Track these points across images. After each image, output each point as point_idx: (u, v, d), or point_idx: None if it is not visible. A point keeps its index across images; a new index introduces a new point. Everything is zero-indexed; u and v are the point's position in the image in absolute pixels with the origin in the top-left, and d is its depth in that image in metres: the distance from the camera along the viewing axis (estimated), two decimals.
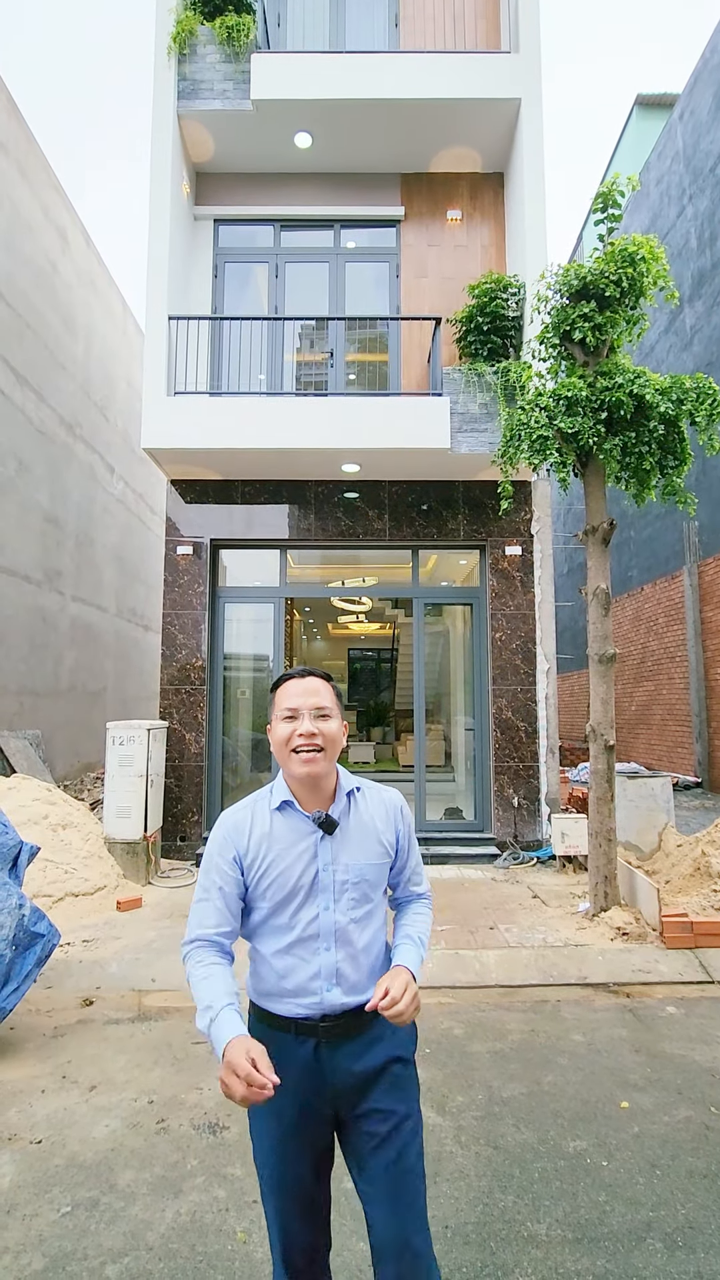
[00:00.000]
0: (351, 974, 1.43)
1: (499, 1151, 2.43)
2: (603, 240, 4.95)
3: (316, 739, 1.43)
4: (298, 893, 1.42)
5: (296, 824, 1.46)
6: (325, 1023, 1.40)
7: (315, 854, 1.44)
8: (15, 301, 9.16)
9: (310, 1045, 1.40)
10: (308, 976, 1.41)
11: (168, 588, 7.04)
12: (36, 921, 3.33)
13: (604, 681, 4.88)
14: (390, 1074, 1.43)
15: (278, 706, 1.48)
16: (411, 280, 7.35)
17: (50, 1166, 2.37)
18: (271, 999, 1.44)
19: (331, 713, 1.48)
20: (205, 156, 7.19)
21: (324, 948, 1.42)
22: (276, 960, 1.42)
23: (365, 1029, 1.43)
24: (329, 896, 1.43)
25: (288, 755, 1.44)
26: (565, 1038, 3.30)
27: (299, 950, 1.42)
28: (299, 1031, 1.41)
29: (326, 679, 1.53)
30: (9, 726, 8.95)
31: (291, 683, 1.49)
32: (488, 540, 7.09)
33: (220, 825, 1.49)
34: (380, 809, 1.54)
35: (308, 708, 1.45)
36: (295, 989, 1.41)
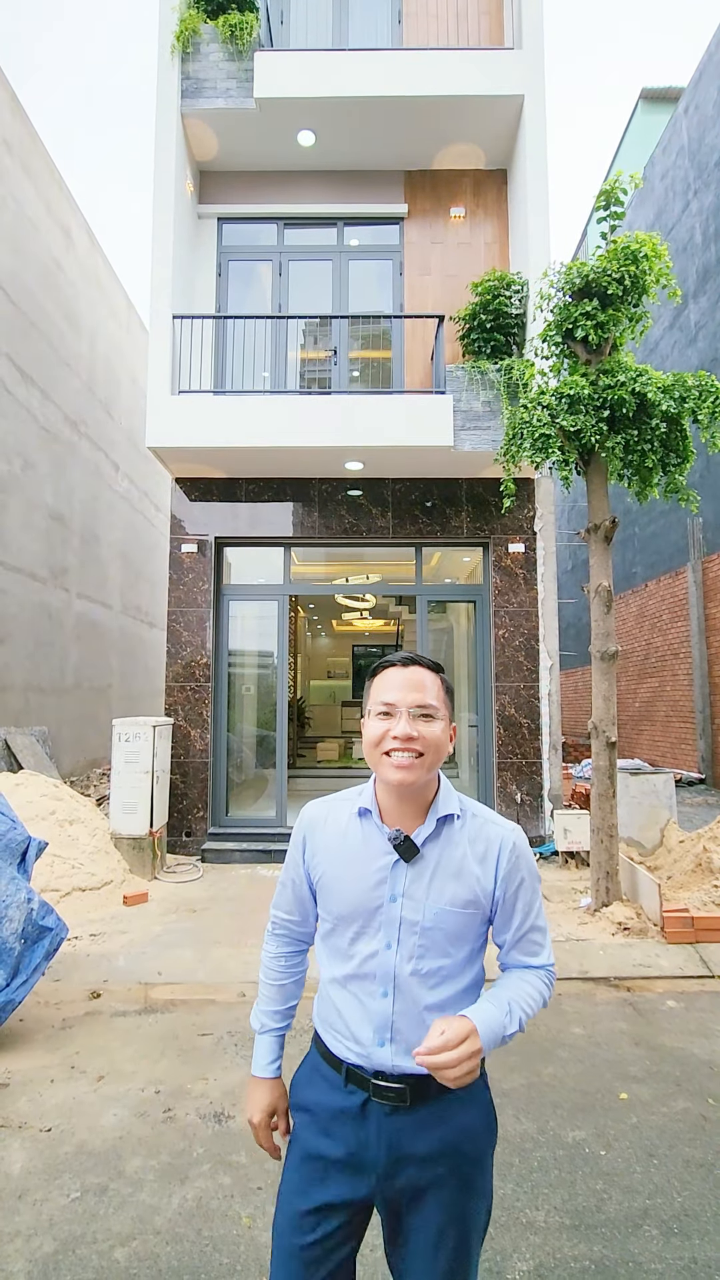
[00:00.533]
0: (411, 1034, 1.16)
1: (499, 1141, 2.47)
2: (605, 238, 4.96)
3: (415, 743, 1.16)
4: (356, 917, 1.20)
5: (373, 837, 1.22)
6: (379, 1080, 1.17)
7: (385, 879, 1.19)
8: (20, 299, 9.21)
9: (359, 1100, 1.18)
10: (359, 1020, 1.19)
11: (173, 585, 7.09)
12: (45, 915, 3.38)
13: (606, 678, 4.90)
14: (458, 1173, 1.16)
15: (373, 699, 1.22)
16: (415, 278, 7.36)
17: (60, 1153, 2.43)
18: (327, 1030, 1.25)
19: (438, 713, 1.20)
20: (209, 155, 7.21)
21: (380, 993, 1.18)
22: (333, 990, 1.24)
23: (427, 1102, 1.16)
24: (393, 934, 1.18)
25: (379, 758, 1.18)
26: (566, 1030, 3.34)
27: (354, 986, 1.21)
28: (349, 1079, 1.20)
29: (436, 670, 1.24)
30: (15, 723, 9.02)
31: (392, 672, 1.22)
32: (491, 537, 7.11)
33: (300, 816, 1.33)
34: (481, 845, 1.22)
35: (408, 704, 1.17)
36: (347, 1030, 1.21)
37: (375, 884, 1.19)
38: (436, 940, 1.17)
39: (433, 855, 1.20)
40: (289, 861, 1.33)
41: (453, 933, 1.18)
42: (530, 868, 1.24)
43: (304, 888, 1.30)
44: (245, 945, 4.44)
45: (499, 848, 1.21)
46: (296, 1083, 1.28)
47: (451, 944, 1.18)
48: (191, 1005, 3.66)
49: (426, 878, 1.19)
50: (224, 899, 5.47)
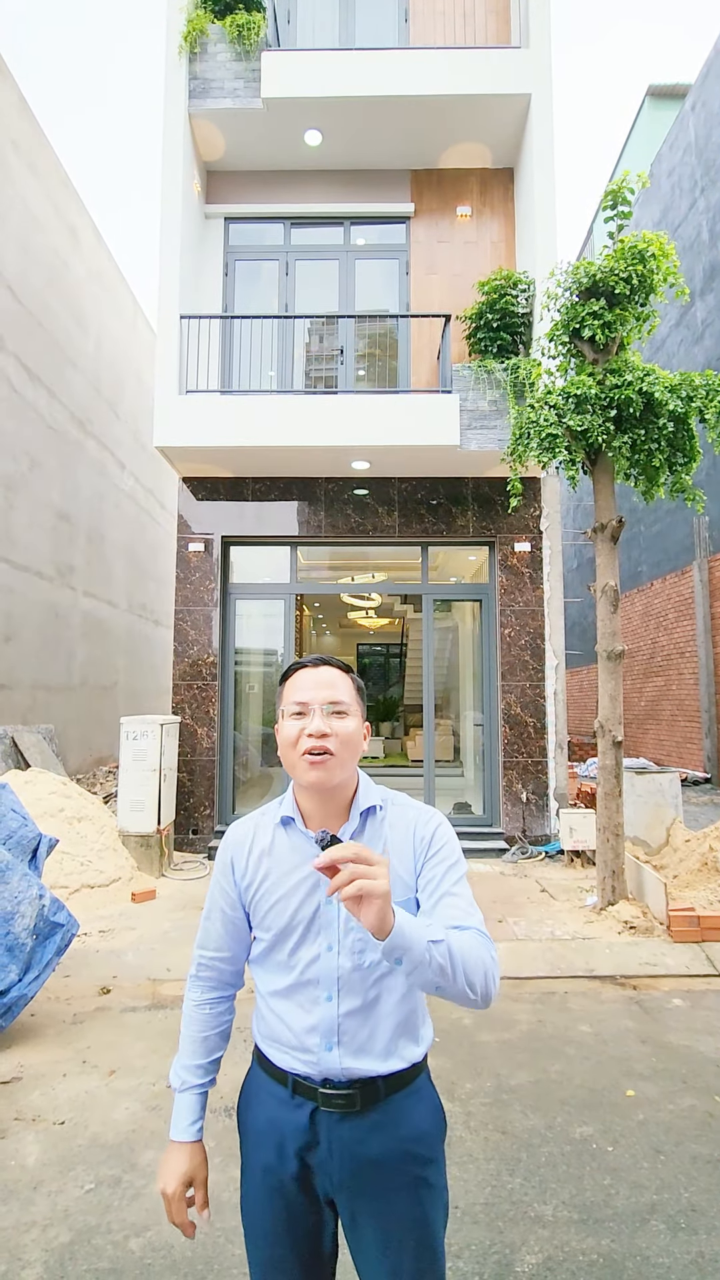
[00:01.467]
0: (359, 1034, 1.16)
1: (507, 1136, 2.50)
2: (612, 237, 4.96)
3: (329, 739, 1.16)
4: (296, 927, 1.19)
5: (299, 844, 1.22)
6: (326, 1088, 1.16)
7: (318, 883, 1.18)
8: (27, 299, 9.24)
9: (307, 1111, 1.17)
10: (304, 1028, 1.17)
11: (179, 584, 7.12)
12: (56, 911, 3.42)
13: (612, 678, 4.92)
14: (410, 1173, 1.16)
15: (285, 700, 1.22)
16: (421, 277, 7.37)
17: (73, 1146, 2.46)
18: (270, 1044, 1.23)
19: (350, 710, 1.20)
20: (216, 155, 7.22)
21: (324, 996, 1.17)
22: (275, 1002, 1.21)
23: (374, 1106, 1.16)
24: (332, 935, 1.17)
25: (295, 760, 1.18)
26: (573, 1028, 3.37)
27: (298, 995, 1.19)
28: (296, 1090, 1.19)
29: (346, 670, 1.26)
30: (22, 721, 9.08)
31: (303, 673, 1.23)
32: (497, 536, 7.13)
33: (225, 838, 1.30)
34: (401, 828, 1.22)
35: (320, 702, 1.18)
36: (292, 1040, 1.19)
37: (310, 889, 1.18)
38: None
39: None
40: (215, 891, 1.28)
41: None
42: (450, 844, 1.22)
43: (237, 913, 1.26)
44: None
45: (415, 826, 1.22)
46: (242, 1104, 1.27)
47: None
48: None
49: None
50: None
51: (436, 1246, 1.17)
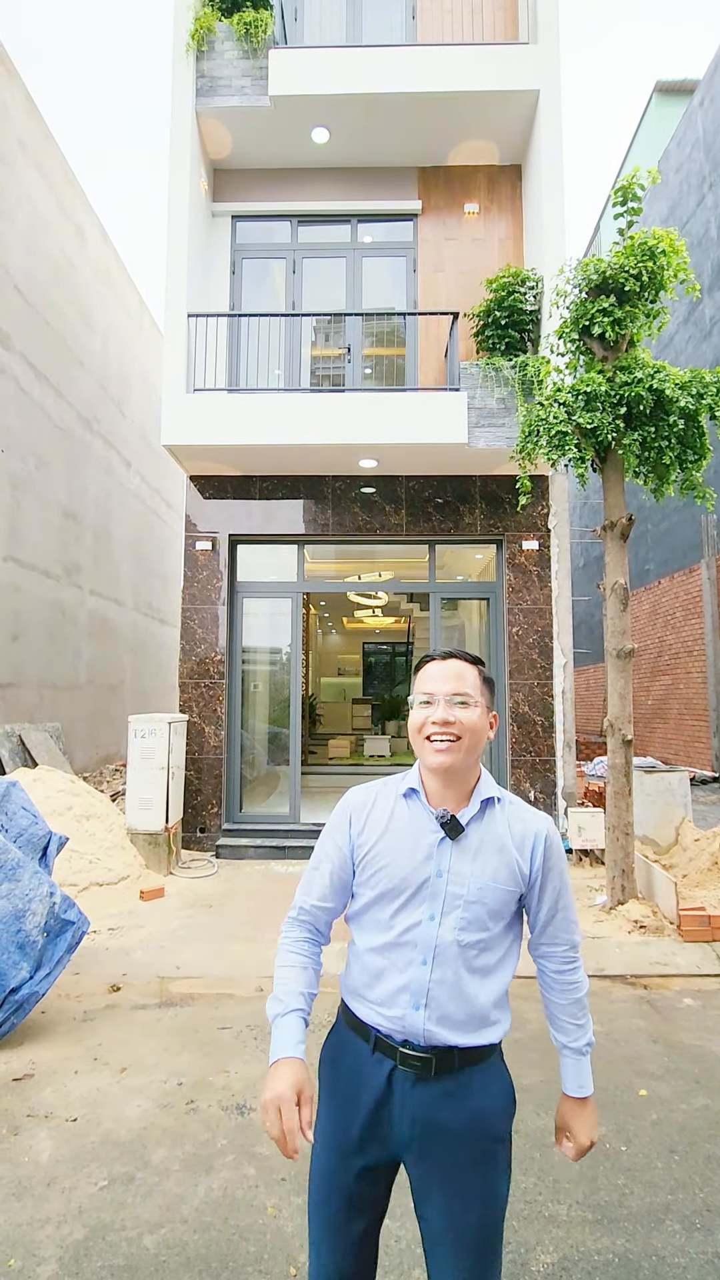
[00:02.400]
0: (447, 1004, 1.24)
1: (520, 1136, 2.49)
2: (622, 234, 4.94)
3: (452, 727, 1.27)
4: (403, 890, 1.27)
5: (419, 817, 1.32)
6: (406, 1049, 1.24)
7: (431, 855, 1.28)
8: (34, 298, 9.26)
9: (386, 1069, 1.25)
10: (396, 987, 1.26)
11: (187, 583, 7.13)
12: (67, 909, 3.42)
13: (622, 676, 4.90)
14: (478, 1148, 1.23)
15: (415, 690, 1.35)
16: (428, 275, 7.35)
17: (86, 1143, 2.47)
18: (358, 999, 1.31)
19: (474, 700, 1.30)
20: (223, 153, 7.22)
21: (420, 960, 1.25)
22: (370, 958, 1.29)
23: (452, 1074, 1.24)
24: (436, 906, 1.26)
25: (421, 743, 1.30)
26: None
27: (393, 954, 1.27)
28: (377, 1047, 1.26)
29: (475, 662, 1.36)
30: (29, 719, 9.10)
31: (432, 665, 1.35)
32: (504, 535, 7.11)
33: (342, 801, 1.40)
34: (520, 828, 1.33)
35: (445, 693, 1.29)
36: (381, 997, 1.27)
37: (423, 859, 1.27)
38: (478, 914, 1.25)
39: (476, 835, 1.30)
40: (329, 843, 1.37)
41: (493, 907, 1.27)
42: (561, 857, 1.35)
43: (346, 867, 1.34)
44: (262, 940, 4.47)
45: (534, 834, 1.32)
46: (325, 1059, 1.34)
47: (491, 918, 1.27)
48: (209, 999, 3.70)
49: (470, 855, 1.28)
50: (239, 894, 5.51)
51: (499, 1220, 1.24)
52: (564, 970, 1.42)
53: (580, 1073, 1.38)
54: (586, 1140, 1.36)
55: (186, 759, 6.82)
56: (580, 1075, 1.38)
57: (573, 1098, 1.39)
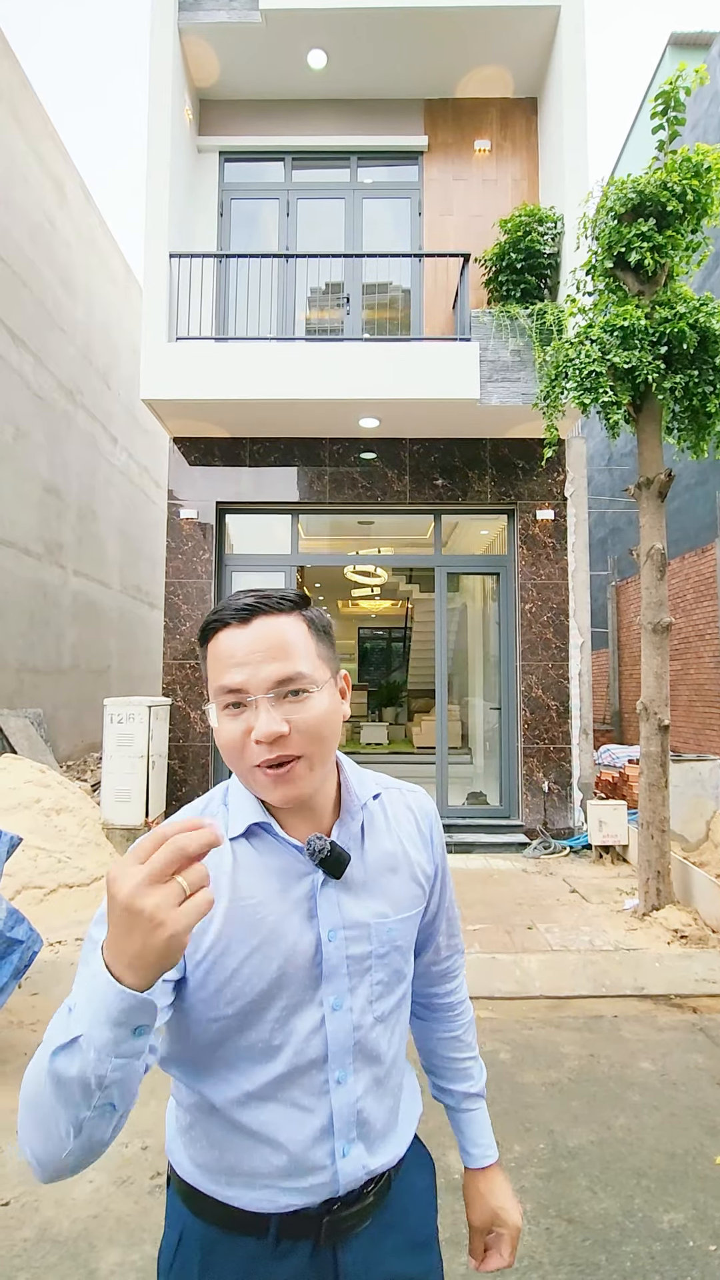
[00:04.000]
0: (377, 1118, 0.84)
1: (575, 1227, 1.95)
2: (662, 148, 4.33)
3: (289, 743, 0.77)
4: (284, 985, 0.79)
5: (276, 861, 0.82)
6: (333, 1213, 0.81)
7: (313, 911, 0.82)
8: (10, 257, 8.56)
9: (303, 1254, 0.80)
10: (310, 1137, 0.79)
11: (170, 555, 6.53)
12: (14, 926, 2.86)
13: (658, 653, 4.34)
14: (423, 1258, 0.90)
15: (212, 681, 0.80)
16: (435, 218, 6.71)
17: (16, 1240, 1.91)
18: (227, 1182, 0.80)
19: (312, 682, 0.78)
20: (210, 79, 6.54)
21: (336, 1079, 0.81)
22: (247, 1114, 0.79)
23: (384, 1200, 0.86)
24: (340, 984, 0.82)
25: (246, 771, 0.79)
26: (631, 1065, 2.82)
27: (293, 1091, 0.80)
28: (283, 1234, 0.80)
29: (297, 605, 0.82)
30: (9, 705, 8.52)
31: (228, 635, 0.79)
32: (517, 504, 6.52)
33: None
34: (409, 823, 0.93)
35: (264, 685, 0.76)
36: (286, 1165, 0.79)
37: (303, 920, 0.81)
38: (395, 966, 0.87)
39: (362, 858, 0.87)
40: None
41: (405, 947, 0.89)
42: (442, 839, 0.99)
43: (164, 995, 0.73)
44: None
45: (425, 816, 0.95)
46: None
47: (405, 961, 0.89)
48: None
49: (365, 890, 0.86)
50: None
51: None
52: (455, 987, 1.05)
53: (487, 1127, 1.02)
54: (519, 1220, 0.97)
55: (170, 746, 6.25)
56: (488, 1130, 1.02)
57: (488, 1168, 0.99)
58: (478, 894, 4.89)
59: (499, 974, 3.64)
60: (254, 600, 0.79)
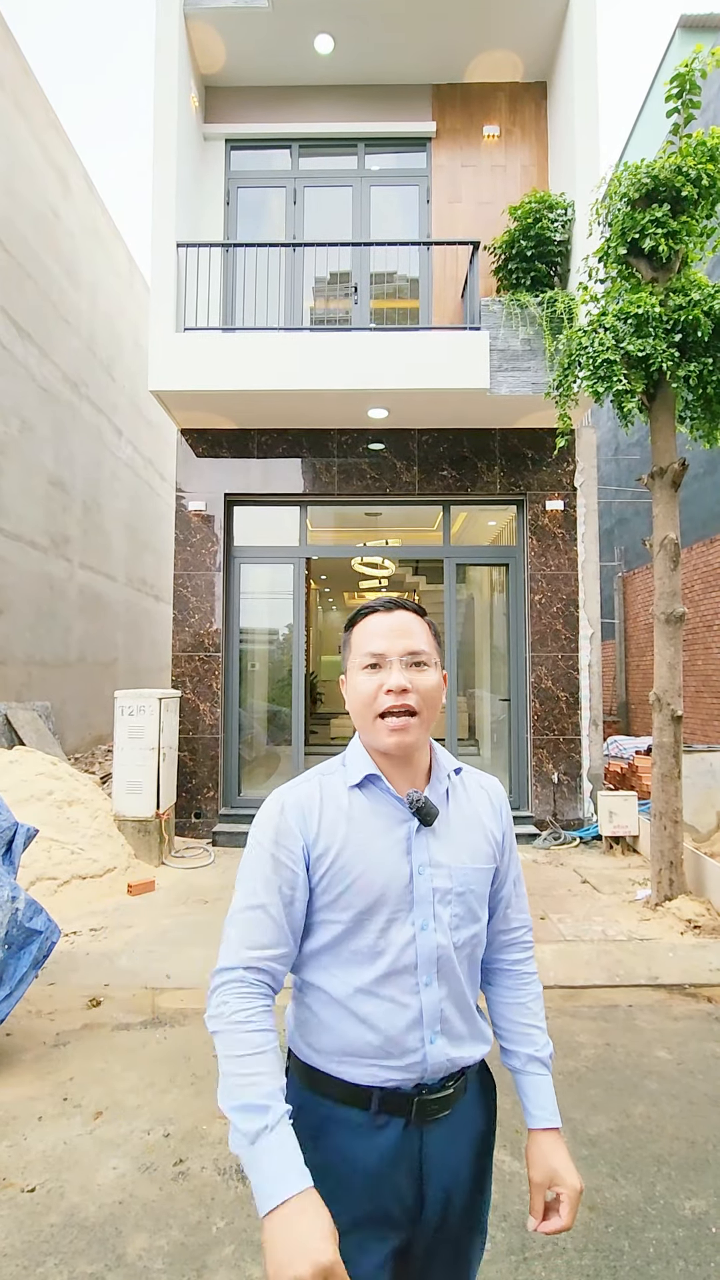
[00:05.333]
0: (456, 1020, 1.03)
1: (598, 1214, 1.96)
2: (676, 132, 4.27)
3: (409, 696, 1.02)
4: (386, 902, 1.00)
5: (383, 807, 1.05)
6: (422, 1095, 0.99)
7: (409, 849, 1.03)
8: (14, 248, 8.51)
9: (396, 1130, 0.98)
10: (405, 1025, 0.99)
11: (179, 547, 6.52)
12: (33, 916, 2.87)
13: (671, 644, 4.33)
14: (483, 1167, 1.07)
15: (355, 650, 1.07)
16: (443, 206, 6.65)
17: (44, 1226, 1.93)
18: (344, 1062, 1.00)
19: (430, 660, 1.06)
20: (215, 66, 6.47)
21: (424, 982, 1.01)
22: (356, 1004, 0.99)
23: (460, 1099, 1.04)
24: (427, 910, 1.02)
25: (372, 719, 1.03)
26: (648, 1054, 2.82)
27: (391, 987, 1.00)
28: (382, 1108, 0.98)
29: (421, 613, 1.10)
30: (17, 698, 8.54)
31: (375, 618, 1.07)
32: (526, 494, 6.49)
33: (276, 803, 1.05)
34: (483, 797, 1.14)
35: (398, 653, 1.04)
36: (384, 1045, 0.98)
37: (399, 857, 1.03)
38: (469, 905, 1.07)
39: (448, 815, 1.09)
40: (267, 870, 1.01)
41: (480, 894, 1.09)
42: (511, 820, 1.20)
43: (302, 893, 1.02)
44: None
45: (497, 796, 1.17)
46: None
47: (480, 905, 1.09)
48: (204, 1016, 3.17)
49: (448, 840, 1.07)
50: None
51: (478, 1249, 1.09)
52: (524, 959, 1.19)
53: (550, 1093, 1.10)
54: (578, 1183, 1.03)
55: (180, 739, 6.27)
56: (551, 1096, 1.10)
57: (549, 1130, 1.06)
58: None
59: None
60: (397, 599, 1.09)
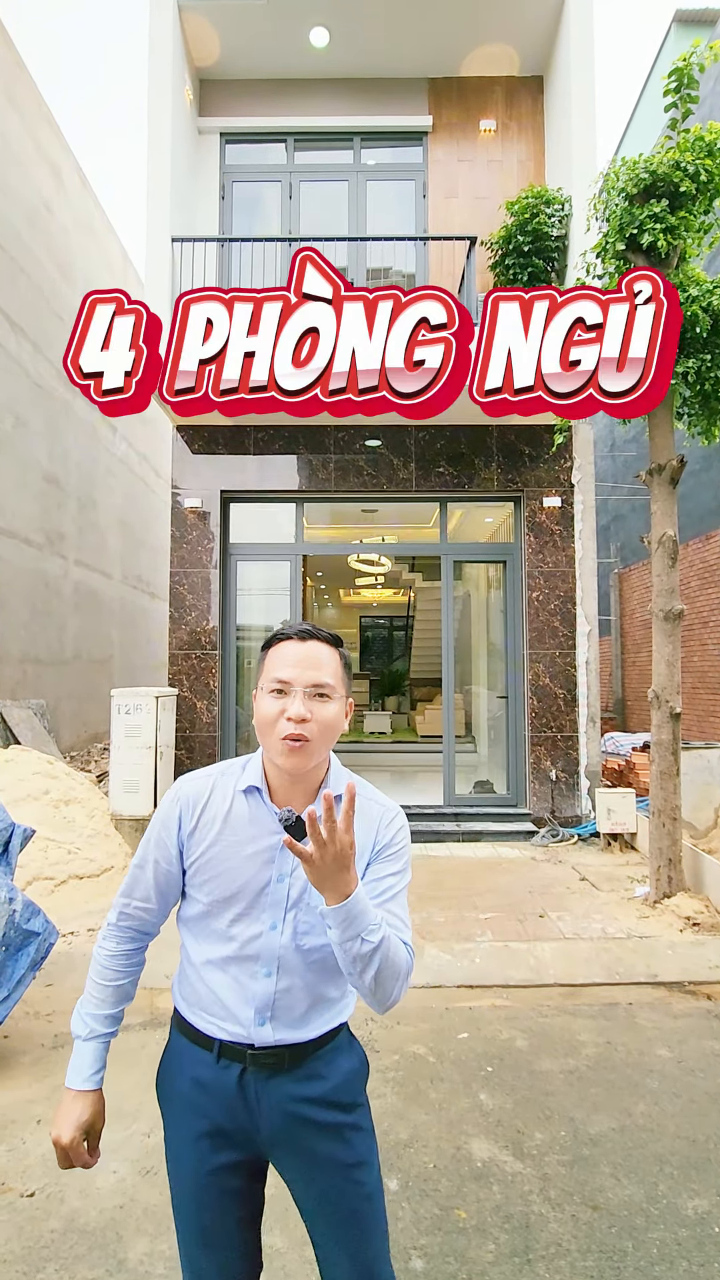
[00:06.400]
0: (293, 1009, 1.17)
1: (600, 1214, 1.95)
2: (674, 127, 4.26)
3: (307, 726, 1.11)
4: (240, 898, 1.16)
5: (260, 816, 1.18)
6: (254, 1051, 1.15)
7: (273, 859, 1.16)
8: (7, 242, 8.42)
9: (234, 1072, 1.16)
10: (237, 1002, 1.16)
11: (175, 544, 6.49)
12: (30, 918, 2.85)
13: (670, 641, 4.32)
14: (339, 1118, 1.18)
15: (266, 673, 1.17)
16: (440, 200, 6.62)
17: (44, 1231, 1.91)
18: (195, 1011, 1.20)
19: (333, 693, 1.15)
20: (210, 59, 6.42)
21: (263, 973, 1.16)
22: (207, 972, 1.18)
23: (302, 1063, 1.18)
24: (278, 914, 1.16)
25: (271, 740, 1.14)
26: (649, 1052, 2.82)
27: (233, 969, 1.16)
28: (222, 1054, 1.17)
29: (335, 644, 1.19)
30: (11, 696, 8.49)
31: (288, 646, 1.16)
32: (524, 491, 6.48)
33: (173, 790, 1.23)
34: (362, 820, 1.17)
35: (304, 684, 1.13)
36: (223, 1012, 1.17)
37: (262, 864, 1.16)
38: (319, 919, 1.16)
39: None
40: (154, 840, 1.22)
41: None
42: (405, 853, 1.22)
43: (174, 869, 1.20)
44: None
45: (379, 823, 1.21)
46: (163, 1072, 1.25)
47: None
48: None
49: None
50: None
51: (375, 1186, 1.19)
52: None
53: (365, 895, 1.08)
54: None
55: (177, 737, 6.24)
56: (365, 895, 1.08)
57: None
58: (487, 882, 4.90)
59: (513, 962, 3.64)
60: (311, 628, 1.17)
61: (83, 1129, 1.16)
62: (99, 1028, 1.20)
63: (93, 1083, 1.18)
